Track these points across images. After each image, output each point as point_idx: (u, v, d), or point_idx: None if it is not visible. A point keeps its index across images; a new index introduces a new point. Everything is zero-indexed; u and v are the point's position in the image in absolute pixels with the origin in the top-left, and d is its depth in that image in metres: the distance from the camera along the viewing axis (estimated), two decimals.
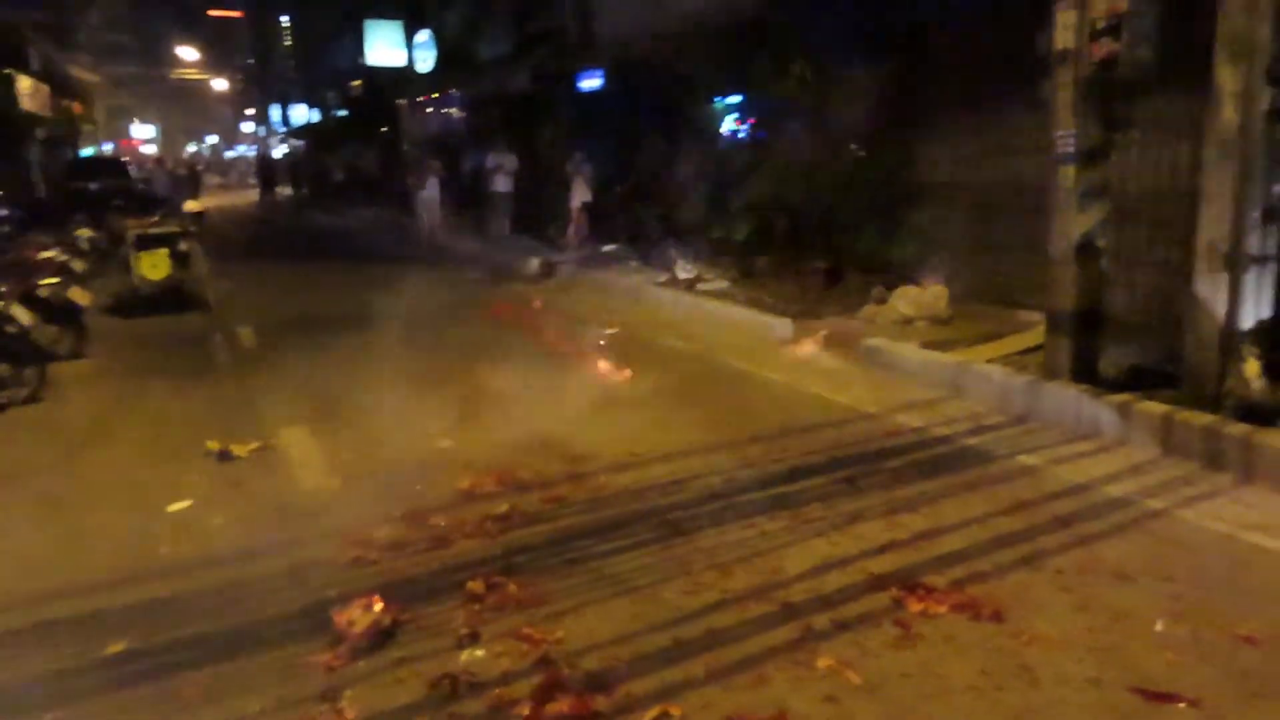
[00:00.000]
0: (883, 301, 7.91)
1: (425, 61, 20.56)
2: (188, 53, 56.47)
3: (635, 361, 6.86)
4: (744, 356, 7.24)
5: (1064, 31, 5.42)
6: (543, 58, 15.25)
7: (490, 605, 3.39)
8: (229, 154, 70.57)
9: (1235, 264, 4.76)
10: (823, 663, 2.92)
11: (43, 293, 7.50)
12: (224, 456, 5.20)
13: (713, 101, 12.46)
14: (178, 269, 9.95)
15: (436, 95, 21.14)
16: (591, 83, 14.34)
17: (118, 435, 5.81)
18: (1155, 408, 4.90)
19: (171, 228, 10.21)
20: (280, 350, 8.09)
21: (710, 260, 10.22)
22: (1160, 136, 6.51)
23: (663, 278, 10.19)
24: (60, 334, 7.57)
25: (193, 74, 60.12)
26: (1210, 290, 4.88)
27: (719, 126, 12.37)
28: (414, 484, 4.63)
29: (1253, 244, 4.72)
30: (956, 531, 3.89)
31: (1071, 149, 5.47)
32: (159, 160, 27.04)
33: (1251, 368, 4.72)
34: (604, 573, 3.64)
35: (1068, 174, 5.48)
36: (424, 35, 20.50)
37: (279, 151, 47.68)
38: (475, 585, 3.49)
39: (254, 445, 5.35)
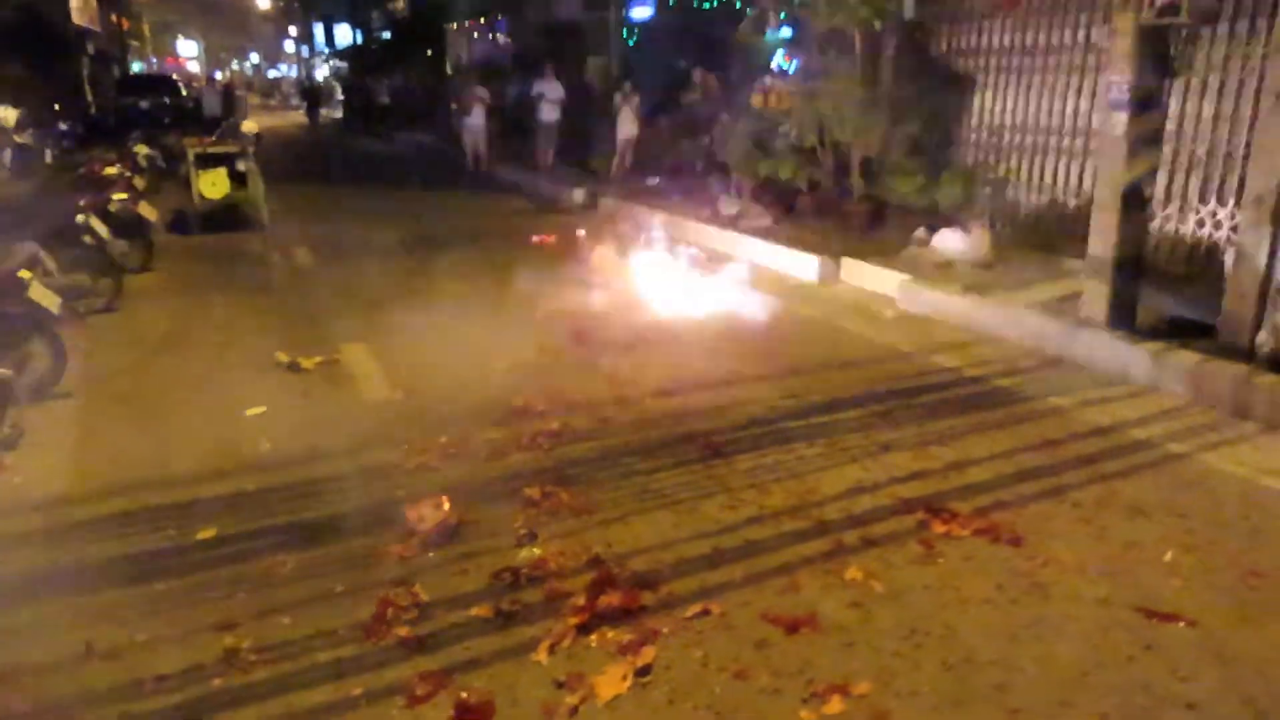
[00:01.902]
0: (925, 244, 7.98)
1: None
2: None
3: (669, 298, 7.04)
4: (785, 293, 7.41)
5: None
6: None
7: (545, 510, 3.68)
8: (271, 73, 70.51)
9: (1278, 218, 4.82)
10: (851, 573, 3.19)
11: (113, 207, 7.82)
12: (292, 368, 5.53)
13: (764, 34, 12.33)
14: (235, 188, 10.24)
15: (484, 20, 20.99)
16: (642, 11, 14.21)
17: (190, 345, 6.16)
18: (1188, 355, 5.03)
19: (230, 147, 10.47)
20: (335, 270, 8.40)
21: (754, 197, 10.30)
22: (1220, 86, 6.49)
23: (706, 213, 10.30)
24: (129, 248, 7.91)
25: None
26: (1253, 242, 4.95)
27: (770, 61, 12.27)
28: (470, 400, 4.93)
29: None
30: (983, 464, 4.11)
31: (1126, 95, 5.48)
32: (209, 79, 27.19)
33: None
34: (649, 487, 3.92)
35: (1119, 121, 5.51)
36: None
37: (322, 72, 47.63)
38: (531, 492, 3.80)
39: (318, 359, 5.67)
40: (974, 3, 8.56)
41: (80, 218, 6.96)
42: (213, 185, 10.08)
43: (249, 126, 12.63)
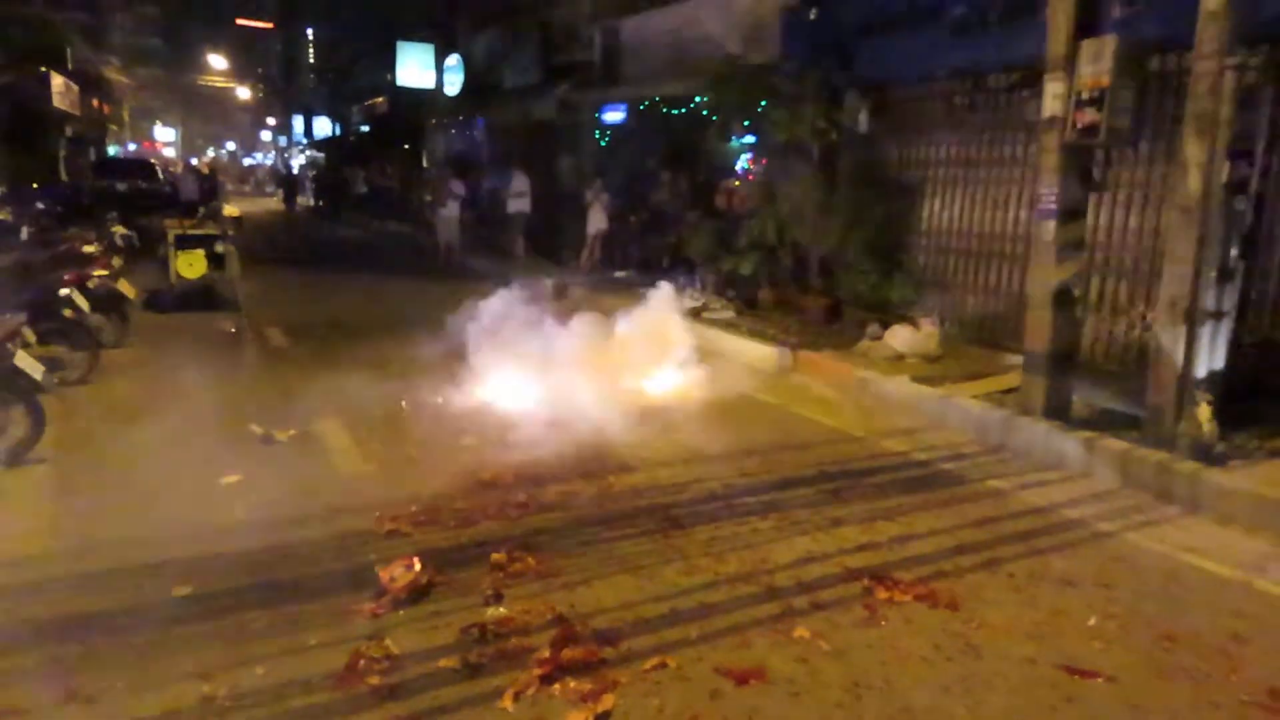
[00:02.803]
0: (877, 338, 8.41)
1: (453, 85, 21.28)
2: (215, 60, 57.66)
3: (637, 382, 7.32)
4: (744, 380, 7.74)
5: (1052, 100, 5.98)
6: (568, 89, 15.91)
7: (511, 574, 3.87)
8: (246, 161, 71.63)
9: (1193, 319, 5.28)
10: (798, 633, 3.40)
11: (92, 284, 8.01)
12: (266, 440, 5.69)
13: (728, 140, 13.06)
14: (213, 269, 10.48)
15: (461, 118, 21.83)
16: (615, 115, 14.96)
17: (165, 416, 6.27)
18: (1116, 444, 5.40)
19: (210, 229, 10.76)
20: (309, 350, 8.61)
21: (717, 291, 10.76)
22: (1144, 200, 7.10)
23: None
24: (107, 323, 8.07)
25: (218, 81, 61.28)
26: (1170, 341, 5.38)
27: (733, 164, 12.96)
28: (441, 473, 5.12)
29: (1209, 301, 5.23)
30: (925, 539, 4.38)
31: (1054, 206, 6.01)
32: (186, 164, 27.69)
33: (1203, 412, 5.21)
34: (611, 554, 4.12)
35: (1048, 228, 6.02)
36: (454, 60, 21.24)
37: (298, 161, 48.59)
38: (499, 556, 3.98)
39: (292, 432, 5.84)
40: (921, 119, 9.27)
41: (64, 292, 7.15)
42: (190, 266, 10.32)
43: (230, 211, 12.97)
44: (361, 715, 2.86)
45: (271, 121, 67.19)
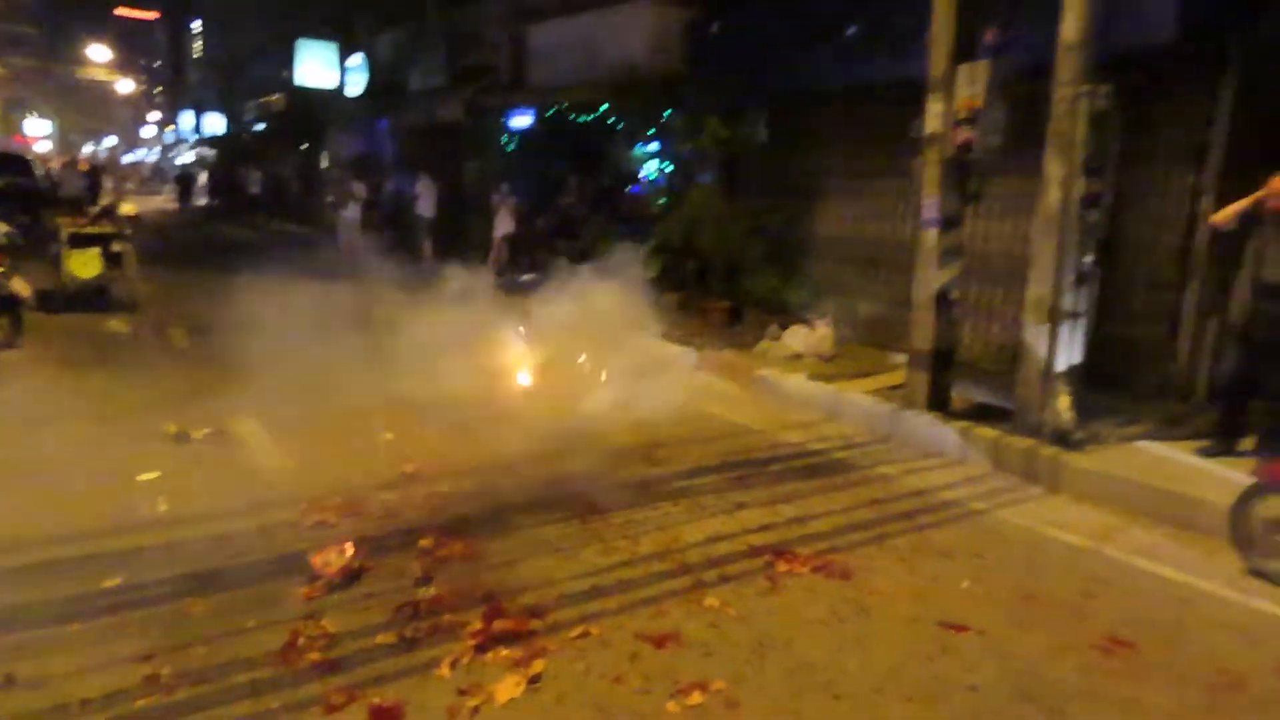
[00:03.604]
0: (776, 339, 8.89)
1: (356, 85, 21.01)
2: (96, 51, 54.84)
3: (549, 378, 7.58)
4: (651, 379, 8.06)
5: (932, 119, 6.53)
6: (475, 93, 16.00)
7: (439, 558, 4.08)
8: (129, 157, 68.14)
9: (1054, 318, 5.88)
10: (709, 602, 3.74)
11: None
12: (181, 438, 5.70)
13: (634, 148, 13.44)
14: (108, 269, 10.19)
15: (365, 119, 21.56)
16: (522, 120, 15.15)
17: (71, 418, 6.16)
18: (988, 432, 5.96)
19: (106, 228, 10.45)
20: (213, 348, 8.45)
21: None
22: (1013, 211, 7.77)
23: None
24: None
25: (99, 73, 58.28)
26: (1035, 338, 5.98)
27: (638, 171, 13.34)
28: (363, 467, 5.27)
29: (1067, 302, 5.84)
30: (821, 518, 4.79)
31: (935, 215, 6.56)
32: (73, 160, 26.36)
33: (1063, 402, 5.82)
34: (533, 538, 4.37)
35: (930, 236, 6.57)
36: (357, 59, 20.98)
37: (186, 159, 46.72)
38: (426, 542, 4.19)
39: (207, 430, 5.87)
40: (818, 132, 9.82)
41: None
42: (85, 265, 10.02)
43: (127, 209, 12.56)
44: (306, 688, 3.04)
45: (156, 116, 64.28)
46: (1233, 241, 5.82)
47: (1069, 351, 5.90)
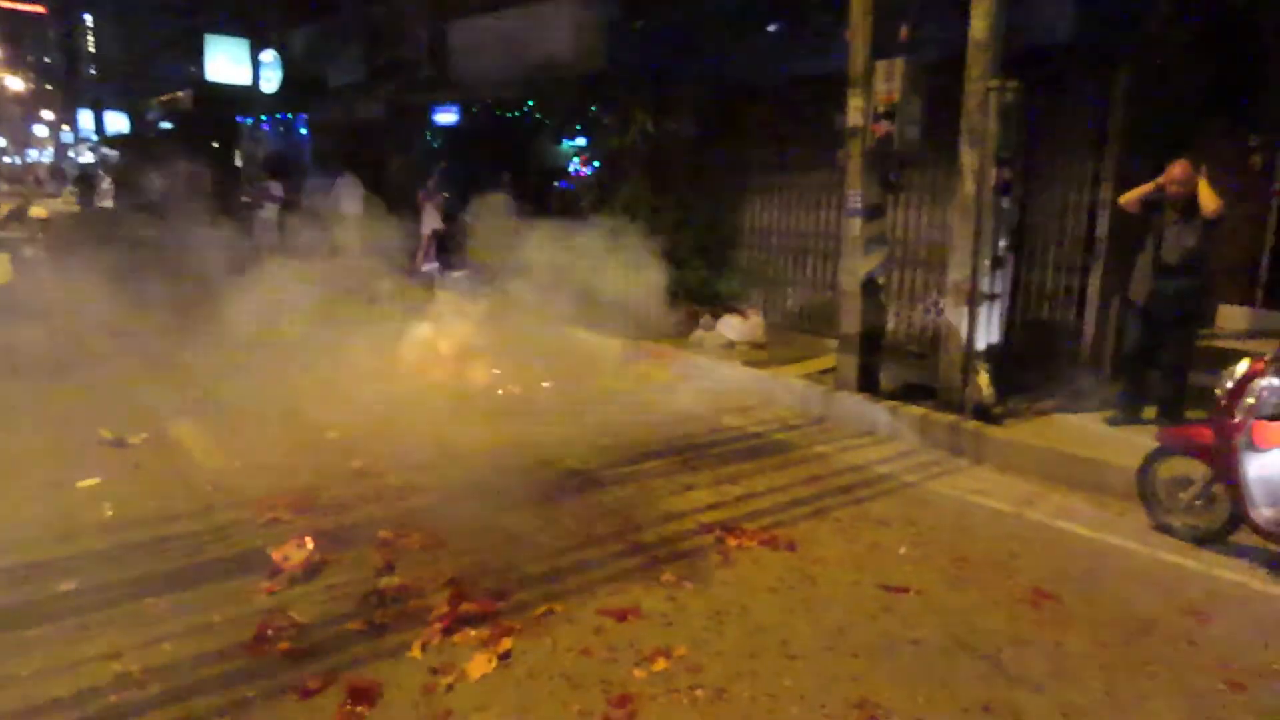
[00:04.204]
0: (710, 328, 9.12)
1: (270, 81, 20.51)
2: None
3: (487, 373, 7.63)
4: (590, 370, 8.21)
5: (853, 113, 6.82)
6: (396, 89, 15.83)
7: (399, 548, 4.15)
8: (11, 159, 64.39)
9: (973, 300, 6.23)
10: (665, 577, 3.91)
11: None
12: (118, 443, 5.60)
13: (560, 142, 13.52)
14: (19, 275, 9.82)
15: (280, 116, 21.07)
16: (447, 117, 15.05)
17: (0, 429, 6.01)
18: (916, 410, 6.29)
19: (15, 232, 10.06)
20: (137, 353, 8.26)
21: None
22: (932, 200, 8.15)
23: None
24: None
25: None
26: (956, 319, 6.32)
27: (566, 166, 13.42)
28: (310, 464, 5.27)
29: (985, 285, 6.19)
30: (764, 496, 5.02)
31: (859, 205, 6.86)
32: None
33: (983, 379, 6.17)
34: (489, 526, 4.47)
35: (855, 225, 6.86)
36: (270, 55, 20.47)
37: (86, 159, 44.74)
38: (385, 534, 4.26)
39: (144, 435, 5.77)
40: (745, 126, 10.07)
41: None
42: None
43: (37, 212, 12.08)
44: (281, 675, 3.10)
45: (49, 115, 61.33)
46: (1132, 225, 6.28)
47: (988, 331, 6.26)
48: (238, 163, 24.62)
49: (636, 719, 2.92)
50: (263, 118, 21.68)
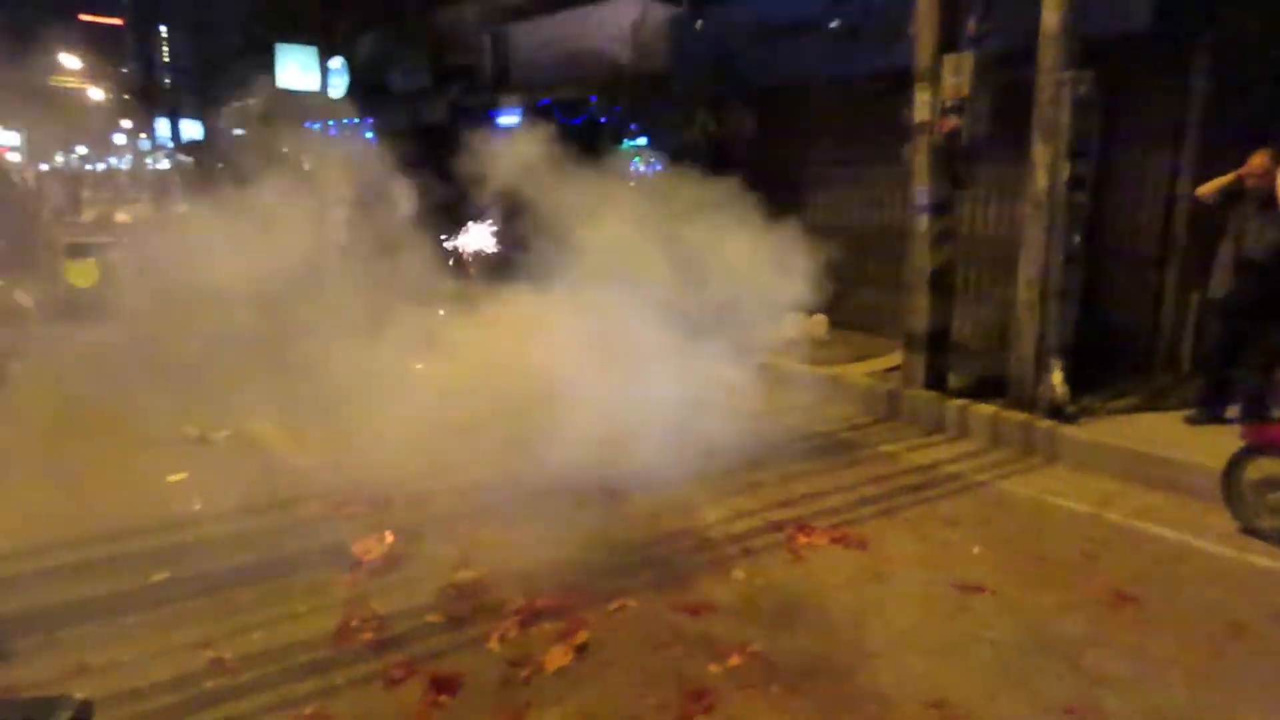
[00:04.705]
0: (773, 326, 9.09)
1: (337, 88, 21.01)
2: (67, 59, 54.18)
3: (561, 372, 7.72)
4: (653, 369, 8.23)
5: (920, 107, 6.73)
6: (459, 93, 16.09)
7: (473, 545, 4.24)
8: (98, 166, 67.04)
9: (1045, 297, 6.10)
10: (736, 574, 3.93)
11: None
12: (202, 440, 5.83)
13: (620, 143, 13.59)
14: (105, 278, 10.24)
15: (347, 121, 21.55)
16: (509, 119, 15.23)
17: (89, 426, 6.25)
18: (986, 408, 6.19)
19: (103, 237, 10.50)
20: (220, 355, 8.56)
21: None
22: (1000, 195, 8.00)
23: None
24: (2, 334, 7.87)
25: (69, 81, 57.57)
26: (1028, 316, 6.20)
27: (627, 165, 13.49)
28: (385, 464, 5.39)
29: (1057, 281, 6.06)
30: (833, 495, 5.00)
31: (926, 201, 6.77)
32: (56, 171, 26.21)
33: (1056, 377, 6.04)
34: (560, 522, 4.54)
35: (923, 221, 6.78)
36: (337, 62, 20.97)
37: (163, 165, 46.35)
38: (460, 528, 4.35)
39: (226, 432, 5.99)
40: (807, 122, 10.01)
41: None
42: (82, 275, 10.07)
43: (121, 217, 12.60)
44: (365, 664, 3.21)
45: (127, 124, 63.60)
46: (1212, 218, 6.08)
47: (1060, 328, 6.13)
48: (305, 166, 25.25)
49: (714, 713, 2.95)
50: (329, 123, 22.19)
